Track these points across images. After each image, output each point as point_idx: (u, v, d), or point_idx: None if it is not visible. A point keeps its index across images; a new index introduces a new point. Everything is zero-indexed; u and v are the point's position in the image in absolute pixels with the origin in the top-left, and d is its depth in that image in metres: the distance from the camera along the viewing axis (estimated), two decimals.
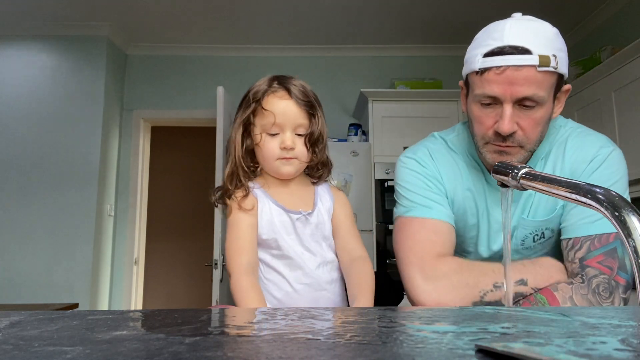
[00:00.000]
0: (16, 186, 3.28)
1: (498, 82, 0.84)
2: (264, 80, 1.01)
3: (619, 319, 0.37)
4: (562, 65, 0.85)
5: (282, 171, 0.99)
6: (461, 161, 1.02)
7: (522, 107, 0.85)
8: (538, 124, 0.87)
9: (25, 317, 0.40)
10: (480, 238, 1.02)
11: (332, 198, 1.06)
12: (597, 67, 2.71)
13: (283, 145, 0.96)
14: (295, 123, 0.97)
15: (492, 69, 0.84)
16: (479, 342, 0.29)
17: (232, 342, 0.31)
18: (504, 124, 0.84)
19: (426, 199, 0.99)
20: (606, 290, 0.85)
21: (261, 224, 0.98)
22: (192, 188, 5.22)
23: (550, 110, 0.89)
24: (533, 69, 0.81)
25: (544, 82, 0.83)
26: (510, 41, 0.83)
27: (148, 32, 3.62)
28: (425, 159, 1.03)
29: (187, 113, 3.77)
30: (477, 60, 0.86)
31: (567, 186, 0.53)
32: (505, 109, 0.85)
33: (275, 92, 0.98)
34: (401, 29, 3.58)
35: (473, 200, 1.00)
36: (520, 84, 0.82)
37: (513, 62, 0.82)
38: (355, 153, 3.17)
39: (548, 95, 0.85)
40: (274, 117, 0.96)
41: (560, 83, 0.89)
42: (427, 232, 0.97)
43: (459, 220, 1.02)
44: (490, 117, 0.88)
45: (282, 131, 0.97)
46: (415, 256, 0.95)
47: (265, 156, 0.99)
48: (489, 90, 0.85)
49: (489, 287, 0.89)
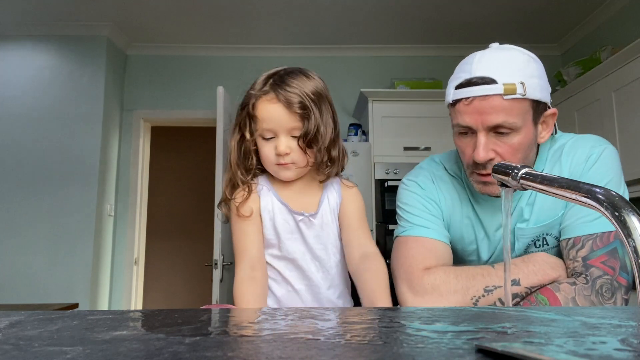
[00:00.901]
0: (16, 186, 3.28)
1: (468, 112, 0.87)
2: (261, 80, 0.96)
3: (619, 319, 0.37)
4: (533, 91, 0.86)
5: (281, 176, 0.97)
6: (460, 188, 1.04)
7: (497, 134, 0.87)
8: (517, 150, 0.88)
9: (25, 317, 0.40)
10: (481, 261, 1.03)
11: (340, 196, 1.02)
12: (597, 67, 2.71)
13: (277, 152, 0.93)
14: (287, 127, 0.92)
15: (462, 100, 0.88)
16: (479, 342, 0.29)
17: (232, 342, 0.31)
18: (478, 152, 0.87)
19: (423, 219, 1.01)
20: (609, 291, 0.84)
21: (265, 224, 0.96)
22: (192, 188, 5.22)
23: (530, 135, 0.89)
24: (499, 98, 0.84)
25: (513, 109, 0.85)
26: (478, 72, 0.86)
27: (148, 32, 3.62)
28: (426, 182, 1.05)
29: (187, 113, 3.77)
30: (450, 93, 0.91)
31: (567, 186, 0.53)
32: (479, 137, 0.88)
33: (266, 95, 0.93)
34: (401, 29, 3.58)
35: (471, 227, 1.01)
36: (489, 112, 0.85)
37: (479, 93, 0.85)
38: (355, 153, 3.17)
39: (522, 121, 0.86)
40: (264, 122, 0.93)
41: (539, 107, 0.89)
42: (420, 249, 0.98)
43: (457, 244, 1.04)
44: (469, 147, 0.91)
45: (277, 135, 0.93)
46: (405, 271, 0.95)
47: (264, 161, 0.97)
48: (461, 121, 0.89)
49: (479, 293, 0.88)
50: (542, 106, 0.90)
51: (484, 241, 1.00)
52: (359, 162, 3.17)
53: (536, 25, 3.48)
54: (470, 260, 1.04)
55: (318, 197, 1.00)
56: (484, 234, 1.00)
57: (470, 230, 1.01)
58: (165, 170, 5.20)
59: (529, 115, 0.87)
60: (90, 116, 3.38)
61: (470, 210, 1.01)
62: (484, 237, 1.00)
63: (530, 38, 3.59)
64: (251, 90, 0.96)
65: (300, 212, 0.97)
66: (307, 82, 0.94)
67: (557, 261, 0.91)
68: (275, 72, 0.97)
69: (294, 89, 0.92)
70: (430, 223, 1.01)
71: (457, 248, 1.04)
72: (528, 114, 0.87)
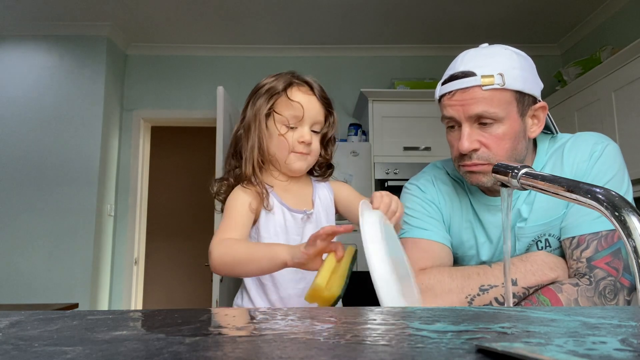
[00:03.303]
0: (16, 186, 3.28)
1: (450, 105, 0.92)
2: (282, 75, 1.01)
3: (619, 319, 0.37)
4: (513, 82, 0.87)
5: (295, 166, 0.98)
6: (462, 191, 1.04)
7: (481, 125, 0.90)
8: (501, 140, 0.89)
9: (25, 317, 0.40)
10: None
11: (331, 190, 1.06)
12: (597, 67, 2.71)
13: (302, 139, 0.97)
14: (315, 119, 0.99)
15: (445, 94, 0.93)
16: (479, 342, 0.29)
17: (232, 342, 0.31)
18: (462, 142, 0.90)
19: (422, 221, 1.03)
20: (611, 292, 0.84)
21: (274, 225, 0.97)
22: (192, 188, 5.22)
23: (517, 127, 0.90)
24: (478, 89, 0.88)
25: (493, 99, 0.87)
26: (460, 68, 0.91)
27: (148, 32, 3.62)
28: (426, 185, 1.07)
29: (187, 113, 3.77)
30: (437, 90, 0.96)
31: (566, 186, 0.53)
32: (463, 128, 0.91)
33: (300, 86, 1.00)
34: (401, 29, 3.58)
35: (472, 231, 1.01)
36: (469, 103, 0.89)
37: (459, 86, 0.90)
38: (355, 153, 3.17)
39: (505, 112, 0.88)
40: (301, 109, 0.96)
41: (525, 100, 0.90)
42: (418, 251, 0.99)
43: (457, 249, 1.04)
44: (455, 139, 0.94)
45: (301, 125, 0.98)
46: None
47: (281, 147, 0.97)
48: (446, 113, 0.93)
49: (475, 292, 0.88)
50: (529, 99, 0.91)
51: (485, 245, 1.00)
52: (359, 162, 3.17)
53: (536, 25, 3.48)
54: (472, 265, 1.04)
55: (310, 196, 1.04)
56: (485, 237, 1.00)
57: (470, 234, 1.01)
58: (165, 170, 5.20)
59: (512, 107, 0.89)
60: (90, 116, 3.38)
61: (471, 214, 1.01)
62: (485, 241, 1.00)
63: (530, 38, 3.59)
64: (275, 81, 0.99)
65: (302, 210, 0.99)
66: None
67: (556, 261, 0.91)
68: (293, 71, 1.03)
69: (318, 86, 1.02)
70: (428, 225, 1.02)
71: (457, 254, 1.04)
72: (511, 105, 0.89)
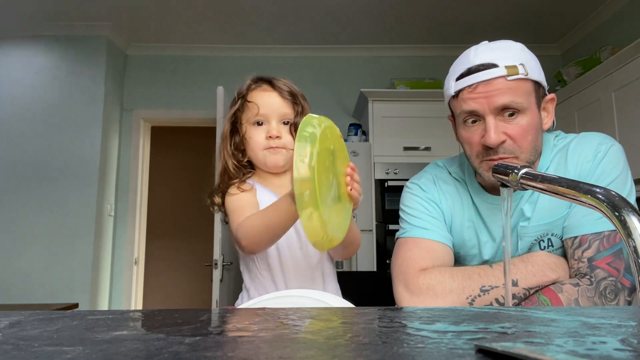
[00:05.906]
0: (16, 186, 3.28)
1: (473, 98, 0.88)
2: (251, 78, 1.07)
3: (619, 319, 0.37)
4: (533, 73, 0.87)
5: (270, 161, 1.00)
6: (463, 191, 1.03)
7: (505, 117, 0.87)
8: (527, 132, 0.88)
9: (25, 317, 0.40)
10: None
11: None
12: (597, 67, 2.71)
13: (269, 135, 0.99)
14: (280, 112, 1.01)
15: (465, 88, 0.88)
16: (479, 342, 0.29)
17: (232, 342, 0.31)
18: (490, 135, 0.87)
19: (423, 221, 1.02)
20: (612, 292, 0.84)
21: None
22: (192, 188, 5.21)
23: (537, 119, 0.89)
24: (503, 80, 0.85)
25: (518, 89, 0.86)
26: (477, 61, 0.88)
27: (148, 32, 3.62)
28: (428, 184, 1.06)
29: (187, 113, 3.77)
30: (451, 86, 0.92)
31: (567, 186, 0.53)
32: (488, 121, 0.87)
33: (259, 86, 1.04)
34: (401, 29, 3.58)
35: (474, 230, 1.01)
36: (494, 95, 0.86)
37: (482, 78, 0.86)
38: (355, 153, 3.17)
39: (528, 102, 0.87)
40: (258, 108, 1.00)
41: (540, 91, 0.90)
42: (419, 250, 0.98)
43: (459, 249, 1.03)
44: (477, 134, 0.90)
45: (268, 122, 1.01)
46: (402, 272, 0.96)
47: (253, 148, 1.02)
48: (467, 107, 0.89)
49: (475, 292, 0.88)
50: (542, 90, 0.91)
51: (487, 244, 0.99)
52: (359, 162, 3.17)
53: (536, 25, 3.48)
54: (473, 265, 1.03)
55: None
56: (488, 237, 0.99)
57: (472, 234, 1.01)
58: (165, 170, 5.20)
59: (532, 97, 0.88)
60: (90, 116, 3.38)
61: (474, 213, 1.01)
62: (487, 240, 0.99)
63: (530, 38, 3.59)
64: (241, 87, 1.07)
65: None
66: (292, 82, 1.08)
67: (557, 261, 0.91)
68: (256, 75, 1.09)
69: (285, 82, 1.06)
70: (429, 224, 1.01)
71: (459, 253, 1.04)
72: (532, 95, 0.88)
